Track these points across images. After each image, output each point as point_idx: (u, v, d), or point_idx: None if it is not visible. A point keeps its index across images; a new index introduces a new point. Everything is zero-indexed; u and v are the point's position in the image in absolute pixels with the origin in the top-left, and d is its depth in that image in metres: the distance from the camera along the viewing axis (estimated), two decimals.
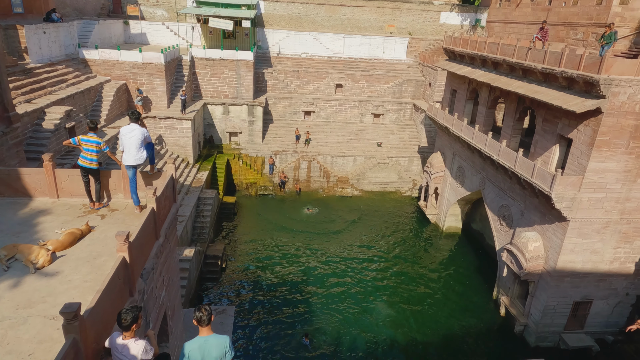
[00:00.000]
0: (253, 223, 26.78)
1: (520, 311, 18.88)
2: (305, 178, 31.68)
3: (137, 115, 8.42)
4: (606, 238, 16.51)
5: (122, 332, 4.95)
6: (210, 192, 25.37)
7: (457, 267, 23.73)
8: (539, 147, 17.95)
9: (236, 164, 30.52)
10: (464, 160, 24.31)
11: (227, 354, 4.83)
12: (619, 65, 14.05)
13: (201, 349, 4.72)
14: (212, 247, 22.34)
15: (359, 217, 28.38)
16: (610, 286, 17.46)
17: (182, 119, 25.89)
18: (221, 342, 4.80)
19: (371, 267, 22.97)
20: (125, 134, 8.24)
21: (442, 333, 18.57)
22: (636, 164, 15.30)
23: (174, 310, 9.13)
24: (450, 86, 26.33)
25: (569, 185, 15.54)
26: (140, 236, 6.56)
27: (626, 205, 16.03)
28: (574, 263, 16.79)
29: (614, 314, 17.94)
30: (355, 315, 19.15)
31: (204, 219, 23.56)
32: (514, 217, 19.55)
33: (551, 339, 18.06)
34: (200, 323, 4.78)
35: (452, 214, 26.86)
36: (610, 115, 14.47)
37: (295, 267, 22.30)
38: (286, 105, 33.45)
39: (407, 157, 32.13)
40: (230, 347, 4.85)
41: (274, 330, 17.85)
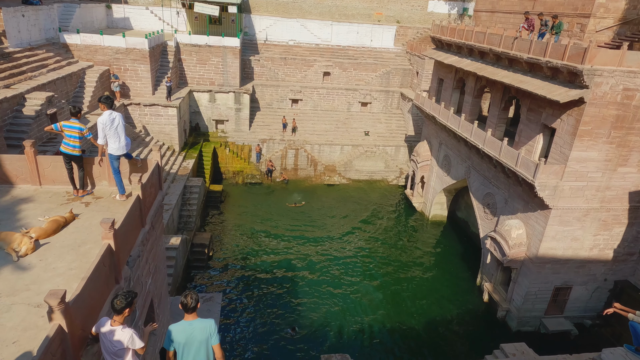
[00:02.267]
0: (240, 211, 26.72)
1: (503, 297, 19.32)
2: (292, 166, 31.63)
3: (112, 101, 8.13)
4: (586, 225, 16.92)
5: (113, 316, 4.91)
6: (196, 180, 25.19)
7: (443, 255, 24.11)
8: (524, 137, 18.20)
9: (223, 152, 30.30)
10: (450, 149, 24.54)
11: (211, 338, 4.86)
12: (602, 56, 14.26)
13: (185, 332, 4.75)
14: (199, 236, 22.26)
15: (345, 206, 28.52)
16: (590, 272, 17.95)
17: (167, 106, 25.52)
18: (205, 326, 4.83)
19: (358, 254, 23.17)
20: (108, 123, 7.99)
21: (427, 318, 18.92)
22: (616, 153, 15.64)
23: (161, 298, 9.12)
24: (438, 75, 26.42)
25: (552, 174, 15.83)
26: (125, 224, 6.51)
27: (606, 194, 16.42)
28: (555, 250, 17.20)
29: (593, 299, 18.48)
30: (341, 302, 19.36)
31: (190, 208, 23.42)
32: (498, 205, 19.88)
33: (532, 323, 18.55)
34: (186, 309, 4.80)
35: (438, 203, 27.18)
36: (593, 105, 14.72)
37: (282, 255, 22.39)
38: (273, 93, 33.20)
39: (394, 146, 32.28)
40: (214, 330, 4.89)
41: (260, 317, 17.97)
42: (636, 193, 16.48)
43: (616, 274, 18.14)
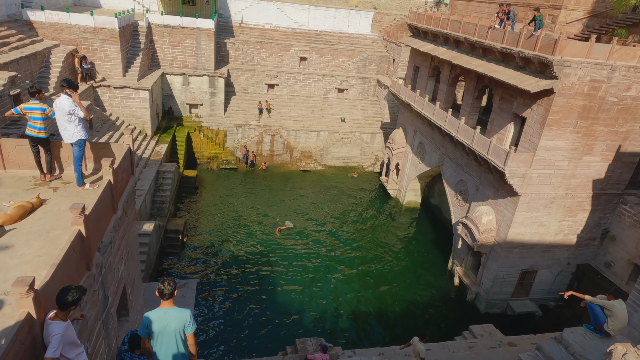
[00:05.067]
0: (215, 197, 26.44)
1: (473, 281, 19.97)
2: (268, 152, 31.42)
3: (66, 84, 7.70)
4: (552, 212, 17.59)
5: (57, 310, 4.61)
6: (170, 165, 24.70)
7: (416, 240, 24.63)
8: (495, 125, 18.63)
9: (197, 137, 29.76)
10: (424, 136, 24.88)
11: (187, 327, 4.84)
12: (572, 48, 14.67)
13: (160, 320, 4.71)
14: (173, 222, 21.95)
15: (321, 192, 28.63)
16: (554, 256, 18.74)
17: (139, 88, 24.77)
18: (181, 315, 4.79)
19: (333, 240, 23.40)
20: (55, 109, 7.66)
21: (400, 302, 19.38)
22: (582, 142, 16.24)
23: (134, 285, 8.99)
24: (414, 63, 26.59)
25: (521, 162, 16.32)
26: (96, 209, 6.35)
27: (572, 181, 17.08)
28: (522, 235, 17.84)
29: (556, 282, 19.33)
30: (316, 287, 19.58)
31: (163, 193, 23.00)
32: (470, 192, 20.39)
33: (499, 305, 19.28)
34: (162, 296, 4.75)
35: (412, 189, 27.63)
36: (562, 96, 15.17)
37: (258, 242, 22.37)
38: (249, 77, 32.68)
39: (370, 133, 32.47)
40: (191, 320, 4.86)
41: (235, 303, 17.99)
42: (599, 181, 17.20)
43: (579, 258, 19.00)
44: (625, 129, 16.22)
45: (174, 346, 4.81)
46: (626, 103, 15.67)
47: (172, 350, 4.83)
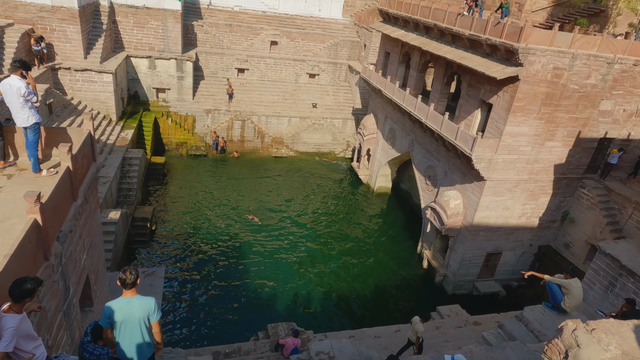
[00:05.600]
0: (184, 184, 25.93)
1: (441, 263, 20.52)
2: (239, 138, 30.97)
3: (19, 65, 7.25)
4: (516, 196, 18.20)
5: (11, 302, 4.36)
6: (136, 151, 23.97)
7: (386, 225, 25.02)
8: (463, 111, 18.97)
9: (165, 122, 28.96)
10: (395, 122, 25.10)
11: (152, 315, 4.74)
12: (536, 36, 15.01)
13: (123, 310, 4.59)
14: (141, 210, 21.42)
15: (293, 178, 28.56)
16: (518, 238, 19.46)
17: (102, 71, 23.76)
18: (145, 304, 4.68)
19: (305, 226, 23.45)
20: (4, 90, 7.20)
21: (370, 285, 19.73)
22: (545, 128, 16.77)
23: (98, 274, 8.74)
24: (385, 48, 26.62)
25: (488, 148, 16.73)
26: (54, 197, 6.09)
27: (534, 166, 17.67)
28: (488, 218, 18.40)
29: (519, 263, 20.12)
30: (287, 272, 19.65)
31: (130, 180, 22.35)
32: (439, 177, 20.80)
33: (466, 287, 19.94)
34: (124, 285, 4.62)
35: (383, 175, 27.95)
36: (526, 83, 15.57)
37: (228, 228, 22.16)
38: (218, 61, 31.91)
39: (342, 119, 32.48)
40: (155, 308, 4.76)
41: (205, 290, 17.85)
42: (560, 165, 17.88)
43: (540, 240, 19.81)
44: (585, 115, 16.85)
45: (138, 335, 4.71)
46: (586, 90, 16.25)
47: (137, 339, 4.73)
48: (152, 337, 4.88)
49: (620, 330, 3.09)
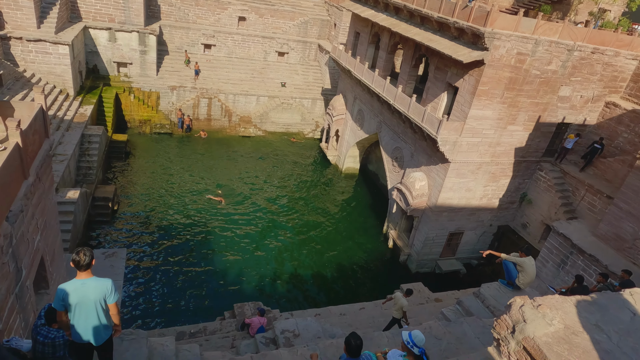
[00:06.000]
0: (148, 163, 25.19)
1: (405, 243, 21.05)
2: (205, 117, 30.24)
3: None
4: (478, 178, 18.76)
5: None
6: (96, 128, 22.97)
7: (354, 205, 25.32)
8: (430, 94, 19.21)
9: (127, 98, 27.83)
10: (364, 103, 25.14)
11: (108, 297, 4.62)
12: (502, 20, 15.26)
13: (77, 292, 4.44)
14: (101, 189, 20.69)
15: (261, 158, 28.28)
16: (479, 219, 20.17)
17: (57, 43, 22.41)
18: (101, 285, 4.55)
19: (272, 206, 23.40)
20: None
21: (337, 264, 20.04)
22: (507, 112, 17.25)
23: (54, 255, 8.42)
24: (355, 28, 26.40)
25: (453, 130, 17.08)
26: (1, 175, 5.75)
27: (496, 149, 18.22)
28: (451, 200, 18.93)
29: (479, 242, 20.92)
30: (255, 253, 19.64)
31: (90, 158, 21.47)
32: (405, 159, 21.13)
33: (429, 265, 20.59)
34: (78, 266, 4.46)
35: (351, 156, 28.12)
36: (491, 67, 15.87)
37: (194, 208, 21.81)
38: (183, 35, 30.75)
39: (311, 99, 32.23)
40: (112, 290, 4.63)
41: (170, 272, 17.61)
42: (520, 149, 18.51)
43: (499, 220, 20.61)
44: (545, 100, 17.43)
45: (94, 317, 4.59)
46: (547, 76, 16.76)
47: (93, 321, 4.60)
48: (109, 319, 4.77)
49: (564, 305, 3.27)
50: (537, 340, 2.89)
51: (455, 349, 7.41)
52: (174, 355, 6.63)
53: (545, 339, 2.91)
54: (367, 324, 13.30)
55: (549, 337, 2.93)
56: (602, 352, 2.91)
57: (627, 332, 3.12)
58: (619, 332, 3.10)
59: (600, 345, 2.95)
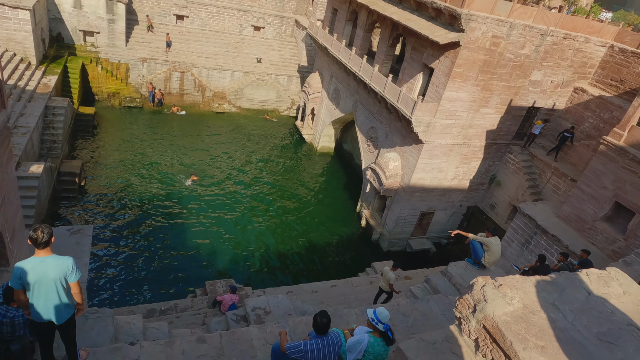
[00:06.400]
0: (117, 138, 24.37)
1: (378, 222, 21.36)
2: (177, 91, 29.36)
3: None
4: (450, 159, 19.08)
5: None
6: (61, 100, 21.94)
7: (328, 184, 25.41)
8: (406, 74, 19.20)
9: (94, 69, 26.63)
10: (340, 82, 24.94)
11: (69, 276, 4.47)
12: (478, 2, 15.26)
13: (35, 270, 4.28)
14: (67, 164, 19.94)
15: (235, 135, 27.84)
16: (449, 199, 20.62)
17: (16, 7, 21.04)
18: (61, 263, 4.39)
19: (245, 184, 23.19)
20: None
21: (311, 242, 20.19)
22: (481, 95, 17.46)
23: (14, 232, 8.09)
24: (332, 4, 25.90)
25: (427, 112, 17.19)
26: None
27: (469, 131, 18.51)
28: (424, 180, 19.23)
29: (449, 222, 21.45)
30: (227, 230, 19.51)
31: (54, 132, 20.57)
32: (380, 139, 21.22)
33: (400, 244, 21.02)
34: (36, 244, 4.28)
35: (327, 135, 28.02)
36: (466, 49, 15.93)
37: (165, 185, 21.38)
38: (154, 5, 29.47)
39: (287, 76, 31.72)
40: (73, 268, 4.48)
41: (140, 250, 17.32)
42: (492, 131, 18.87)
43: (469, 201, 21.14)
44: (517, 84, 17.72)
45: (54, 296, 4.45)
46: (520, 60, 16.99)
47: (53, 300, 4.46)
48: (70, 297, 4.63)
49: (524, 285, 3.38)
50: (496, 319, 2.98)
51: (421, 325, 7.64)
52: (142, 333, 6.56)
53: (504, 318, 3.00)
54: (339, 300, 13.54)
55: (507, 316, 3.02)
56: (557, 330, 3.03)
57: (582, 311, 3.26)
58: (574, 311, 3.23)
59: (555, 324, 3.07)
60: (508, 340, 2.88)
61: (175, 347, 6.07)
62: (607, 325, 3.17)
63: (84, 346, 5.55)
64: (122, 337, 6.34)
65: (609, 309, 3.36)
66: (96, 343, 5.85)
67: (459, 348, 3.31)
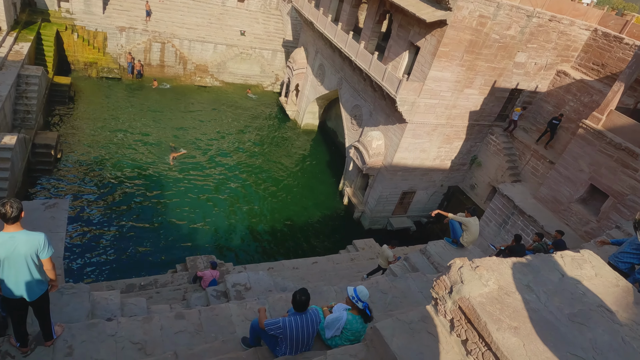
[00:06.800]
0: (95, 110, 23.63)
1: (360, 200, 21.49)
2: (158, 63, 28.48)
3: None
4: (433, 139, 19.17)
5: None
6: (34, 69, 21.03)
7: (311, 162, 25.32)
8: (392, 52, 18.99)
9: (69, 37, 25.53)
10: (325, 58, 24.55)
11: (41, 252, 4.34)
12: None
13: (5, 245, 4.13)
14: (42, 135, 19.31)
15: (217, 110, 27.32)
16: (431, 179, 20.83)
17: None
18: (32, 239, 4.25)
19: (227, 159, 22.93)
20: None
21: (293, 219, 20.24)
22: (465, 75, 17.44)
23: None
24: None
25: (412, 91, 17.11)
26: None
27: (452, 112, 18.55)
28: (406, 160, 19.32)
29: (430, 202, 21.73)
30: (208, 208, 19.36)
31: (28, 102, 19.78)
32: (364, 117, 21.12)
33: (381, 222, 21.25)
34: (5, 219, 4.12)
35: (311, 112, 27.75)
36: (453, 28, 15.79)
37: (144, 159, 20.95)
38: None
39: (271, 50, 31.06)
40: (45, 244, 4.34)
41: (118, 225, 17.05)
42: (475, 112, 18.96)
43: (450, 181, 21.40)
44: (501, 65, 17.73)
45: (25, 273, 4.32)
46: (505, 41, 16.95)
47: (24, 277, 4.34)
48: (43, 274, 4.51)
49: (500, 267, 3.43)
50: (471, 301, 3.02)
51: (399, 303, 7.77)
52: (119, 309, 6.50)
53: (480, 299, 3.04)
54: (319, 277, 13.67)
55: (483, 298, 3.07)
56: (530, 311, 3.09)
57: (555, 293, 3.33)
58: (547, 292, 3.30)
59: (529, 305, 3.13)
60: (482, 321, 2.93)
61: (154, 322, 6.04)
62: (579, 306, 3.26)
63: (59, 322, 5.47)
64: (99, 313, 6.26)
65: (581, 290, 3.45)
66: (72, 319, 5.76)
67: (434, 328, 3.37)
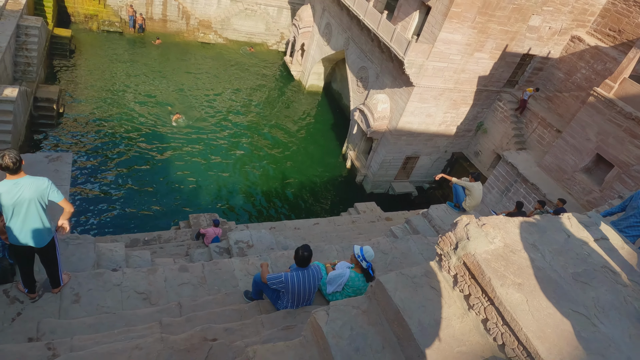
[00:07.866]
0: (97, 64, 23.19)
1: (363, 164, 21.44)
2: (160, 17, 27.66)
3: None
4: (440, 104, 18.85)
5: None
6: (34, 19, 20.45)
7: (315, 123, 25.08)
8: (402, 12, 18.35)
9: None
10: (332, 17, 23.78)
11: (49, 194, 4.35)
12: None
13: (10, 192, 4.13)
14: (44, 89, 19.04)
15: (221, 67, 26.79)
16: (435, 144, 20.67)
17: None
18: (36, 183, 4.24)
19: (231, 117, 22.72)
20: None
21: (295, 181, 20.29)
22: (476, 38, 16.90)
23: None
24: None
25: (420, 53, 16.65)
26: None
27: (461, 76, 18.13)
28: (411, 124, 19.09)
29: (433, 167, 21.66)
30: (212, 168, 19.37)
31: (28, 53, 19.36)
32: (370, 80, 20.70)
33: (383, 186, 21.29)
34: (7, 171, 4.10)
35: (316, 72, 27.19)
36: None
37: (148, 115, 20.77)
38: None
39: (277, 7, 30.04)
40: (52, 187, 4.35)
41: (122, 181, 17.13)
42: (484, 77, 18.53)
43: (454, 147, 21.24)
44: (514, 29, 17.14)
45: (32, 219, 4.34)
46: (520, 3, 16.29)
47: (32, 222, 4.36)
48: (49, 220, 4.55)
49: (507, 226, 3.42)
50: (477, 257, 3.03)
51: (399, 263, 7.89)
52: (124, 260, 6.61)
53: (485, 256, 3.05)
54: (320, 238, 13.83)
55: (488, 254, 3.07)
56: (535, 268, 3.10)
57: (560, 252, 3.33)
58: (552, 251, 3.31)
59: (534, 263, 3.14)
60: (487, 276, 2.94)
61: (158, 274, 6.15)
62: (583, 266, 3.27)
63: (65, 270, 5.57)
64: (104, 263, 6.37)
65: (586, 251, 3.46)
66: (77, 269, 5.87)
67: (437, 283, 3.40)
